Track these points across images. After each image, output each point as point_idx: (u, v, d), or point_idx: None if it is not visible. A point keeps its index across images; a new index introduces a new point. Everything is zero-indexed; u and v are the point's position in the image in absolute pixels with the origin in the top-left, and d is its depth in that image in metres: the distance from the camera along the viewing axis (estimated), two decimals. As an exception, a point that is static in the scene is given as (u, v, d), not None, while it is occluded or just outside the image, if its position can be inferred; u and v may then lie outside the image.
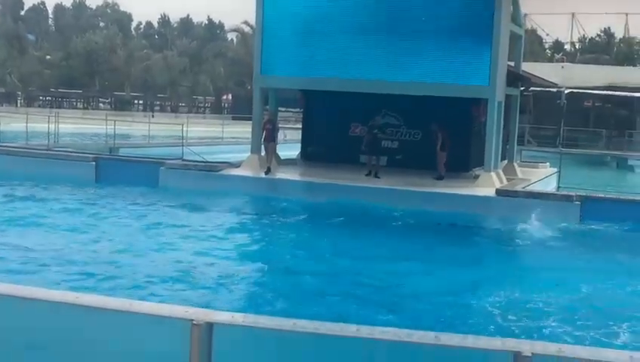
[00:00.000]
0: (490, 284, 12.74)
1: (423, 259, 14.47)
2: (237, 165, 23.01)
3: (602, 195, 20.45)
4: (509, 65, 23.56)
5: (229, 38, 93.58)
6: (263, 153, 23.06)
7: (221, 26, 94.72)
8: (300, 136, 26.33)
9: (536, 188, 22.13)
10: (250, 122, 24.24)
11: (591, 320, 10.30)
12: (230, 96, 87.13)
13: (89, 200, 19.65)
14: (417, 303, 11.25)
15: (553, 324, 10.12)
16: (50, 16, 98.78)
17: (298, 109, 36.29)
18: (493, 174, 21.55)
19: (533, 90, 37.10)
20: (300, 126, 27.25)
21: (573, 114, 45.18)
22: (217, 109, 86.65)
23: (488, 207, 19.60)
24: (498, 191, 20.26)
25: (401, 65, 21.88)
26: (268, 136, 22.77)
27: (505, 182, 22.08)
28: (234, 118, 61.83)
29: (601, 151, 42.80)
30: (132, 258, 13.08)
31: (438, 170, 21.61)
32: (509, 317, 10.53)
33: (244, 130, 32.13)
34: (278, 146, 23.67)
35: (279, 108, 26.53)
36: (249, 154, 23.46)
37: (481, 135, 22.19)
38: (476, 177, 21.92)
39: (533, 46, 69.67)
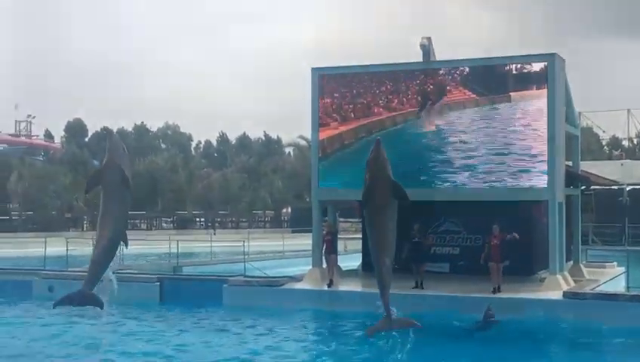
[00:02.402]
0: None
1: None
2: (299, 279, 23.03)
3: (675, 294, 19.79)
4: (567, 165, 23.45)
5: (286, 152, 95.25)
6: (324, 265, 23.06)
7: (278, 141, 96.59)
8: (360, 246, 26.31)
9: (605, 289, 21.57)
10: (310, 234, 24.39)
11: None
12: (289, 210, 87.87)
13: (157, 323, 19.75)
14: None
15: None
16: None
17: (357, 219, 36.37)
18: (559, 276, 21.13)
19: (594, 189, 36.62)
20: (360, 236, 27.26)
21: (636, 210, 44.27)
22: (277, 223, 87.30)
23: (556, 311, 19.14)
24: (565, 294, 19.81)
25: (458, 170, 21.94)
26: (329, 247, 22.80)
27: (572, 284, 21.60)
28: (294, 231, 62.14)
29: (670, 247, 41.58)
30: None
31: (496, 281, 20.40)
32: None
33: (304, 242, 32.25)
34: (339, 258, 23.65)
35: (338, 219, 26.63)
36: (310, 267, 23.48)
37: (544, 237, 21.89)
38: (542, 280, 21.50)
39: (590, 144, 69.16)
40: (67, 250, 28.30)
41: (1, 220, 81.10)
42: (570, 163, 24.61)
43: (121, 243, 10.66)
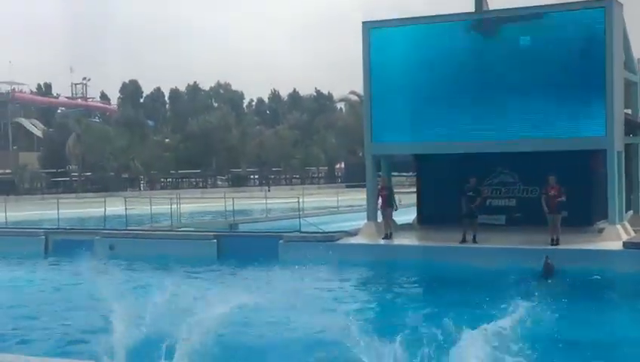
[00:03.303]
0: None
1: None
2: (354, 233, 23.13)
3: None
4: (626, 113, 22.94)
5: (338, 108, 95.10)
6: (379, 220, 23.09)
7: (329, 97, 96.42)
8: (414, 200, 26.24)
9: (667, 238, 21.18)
10: (364, 189, 24.42)
11: None
12: (343, 165, 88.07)
13: (215, 279, 20.05)
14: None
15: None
16: (167, 100, 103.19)
17: (411, 173, 36.29)
18: (618, 226, 20.81)
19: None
20: (413, 190, 27.19)
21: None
22: (331, 179, 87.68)
23: (616, 261, 18.88)
24: (625, 244, 19.52)
25: (513, 121, 21.66)
26: (384, 202, 22.78)
27: (632, 233, 21.24)
28: (348, 187, 62.36)
29: None
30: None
31: (554, 233, 20.11)
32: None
33: (358, 197, 32.32)
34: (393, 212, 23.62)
35: (392, 173, 26.57)
36: (365, 221, 23.55)
37: (603, 186, 21.54)
38: (601, 230, 21.20)
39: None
40: (126, 209, 28.82)
41: (61, 181, 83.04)
42: (629, 111, 24.06)
43: None
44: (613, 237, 20.22)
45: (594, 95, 20.77)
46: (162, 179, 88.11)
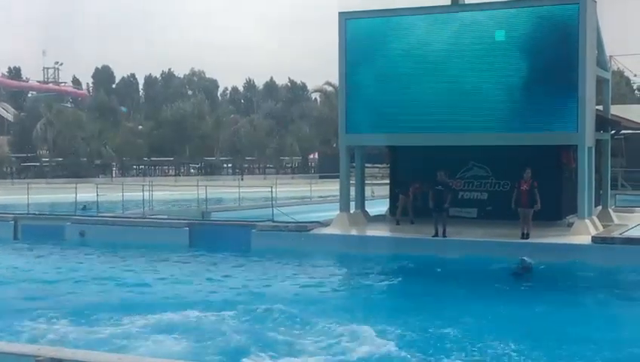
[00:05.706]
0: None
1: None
2: (327, 224, 23.18)
3: None
4: (597, 109, 23.18)
5: (313, 98, 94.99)
6: (351, 211, 23.15)
7: (303, 87, 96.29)
8: (387, 192, 26.35)
9: (634, 233, 21.45)
10: (338, 180, 24.47)
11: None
12: (317, 155, 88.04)
13: (186, 267, 20.04)
14: None
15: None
16: (141, 87, 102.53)
17: (384, 165, 36.34)
18: (587, 221, 21.06)
19: (624, 134, 36.14)
20: (387, 181, 27.29)
21: (668, 155, 43.59)
22: (304, 169, 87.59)
23: (584, 255, 19.11)
24: (594, 239, 19.75)
25: (487, 115, 21.77)
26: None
27: (600, 228, 21.51)
28: (321, 177, 62.36)
29: (701, 192, 41.07)
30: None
31: (525, 227, 20.18)
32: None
33: (331, 188, 32.36)
34: (366, 203, 23.72)
35: (365, 165, 26.62)
36: (338, 212, 23.61)
37: (573, 181, 21.77)
38: (570, 225, 21.45)
39: (621, 88, 68.20)
40: (97, 195, 28.60)
41: (32, 166, 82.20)
42: (600, 107, 24.31)
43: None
44: (583, 232, 20.46)
45: (567, 90, 20.94)
46: (135, 166, 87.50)
